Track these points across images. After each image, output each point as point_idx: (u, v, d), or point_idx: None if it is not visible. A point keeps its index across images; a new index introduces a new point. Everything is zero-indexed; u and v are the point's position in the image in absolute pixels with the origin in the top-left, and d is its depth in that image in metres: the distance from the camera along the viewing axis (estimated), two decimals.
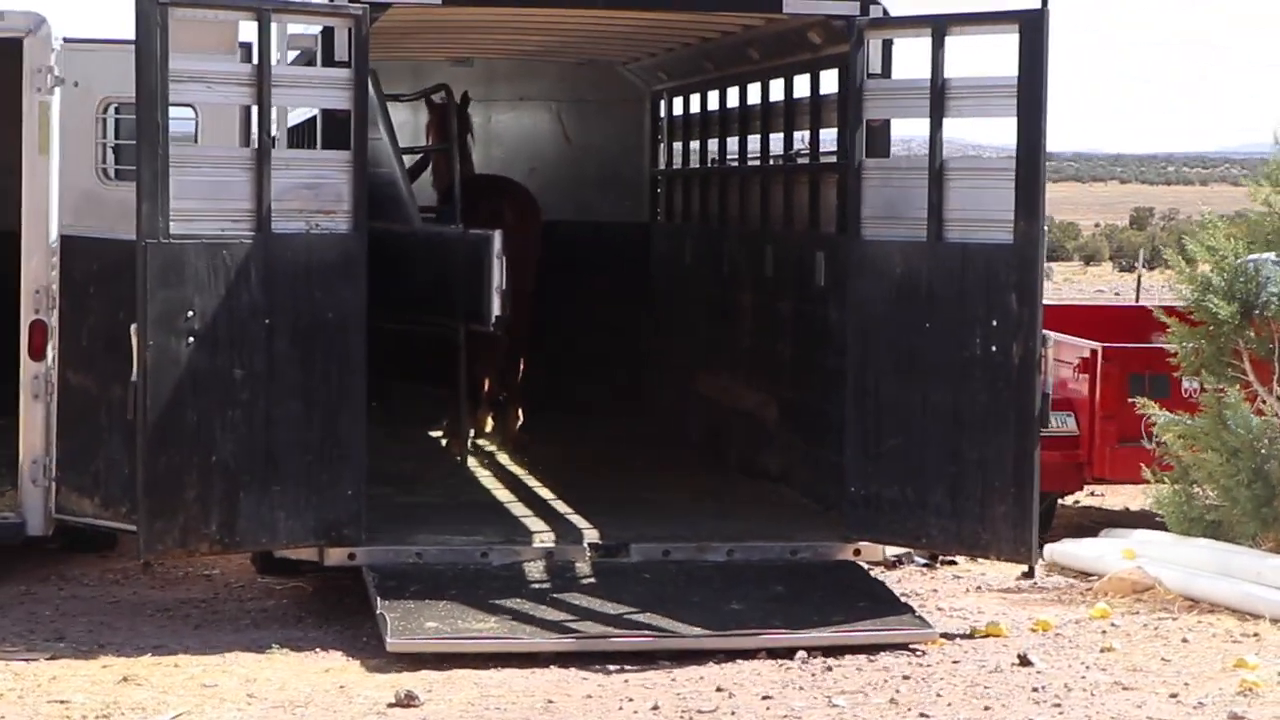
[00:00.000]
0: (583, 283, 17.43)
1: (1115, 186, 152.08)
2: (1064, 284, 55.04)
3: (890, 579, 13.56)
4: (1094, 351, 15.60)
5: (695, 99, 17.06)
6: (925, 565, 14.07)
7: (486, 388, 16.57)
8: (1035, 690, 10.42)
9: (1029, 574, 13.22)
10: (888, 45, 12.79)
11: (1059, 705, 10.12)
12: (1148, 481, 14.69)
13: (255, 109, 12.11)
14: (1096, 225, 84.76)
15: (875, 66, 12.71)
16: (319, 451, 12.17)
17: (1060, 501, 16.58)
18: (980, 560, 13.86)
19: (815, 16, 13.10)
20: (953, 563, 14.11)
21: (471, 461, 15.79)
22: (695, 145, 17.20)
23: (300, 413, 12.10)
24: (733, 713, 10.04)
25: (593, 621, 11.58)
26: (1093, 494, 18.27)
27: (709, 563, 12.59)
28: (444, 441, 16.18)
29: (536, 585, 12.25)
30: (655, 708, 10.14)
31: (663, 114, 18.18)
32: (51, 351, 13.31)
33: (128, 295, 11.89)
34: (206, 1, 12.08)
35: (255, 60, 11.99)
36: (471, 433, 16.36)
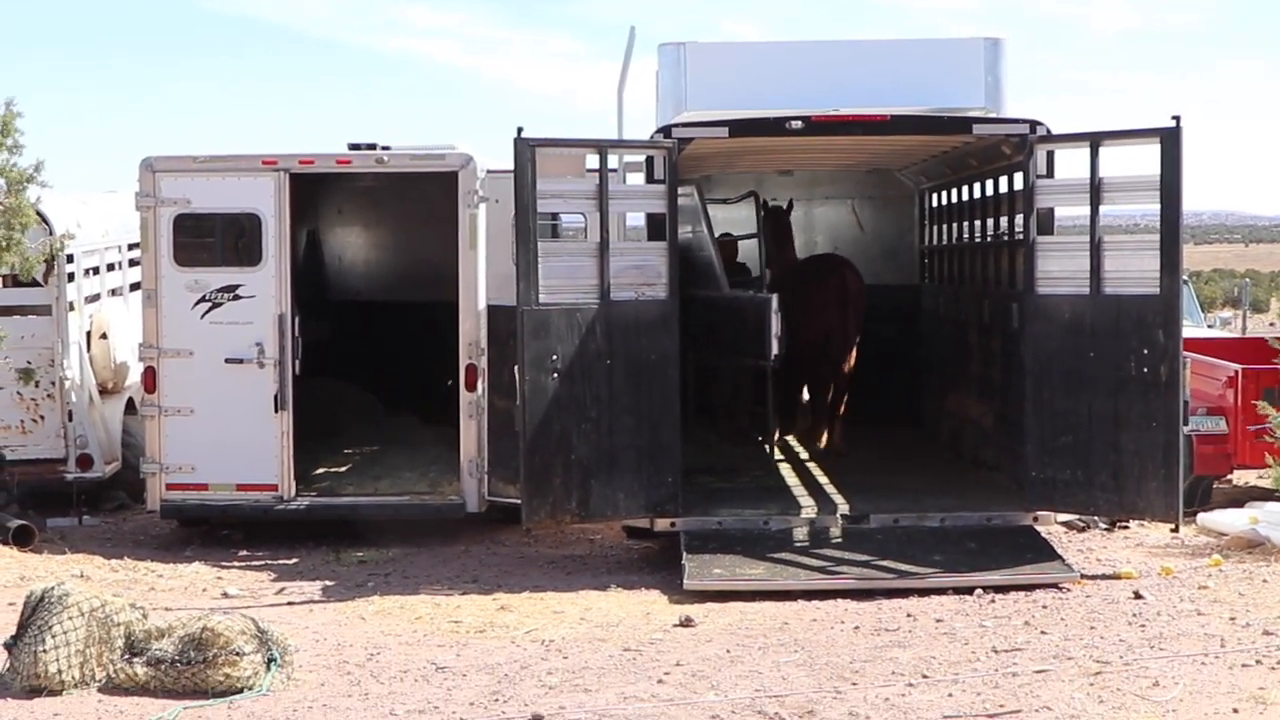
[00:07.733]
0: (874, 329, 17.50)
1: None
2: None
3: (1078, 539, 13.63)
4: (1237, 371, 15.47)
5: (944, 194, 17.23)
6: (1105, 529, 14.08)
7: (798, 403, 16.94)
8: (1134, 615, 10.46)
9: (1175, 530, 13.00)
10: (1050, 154, 12.94)
11: (1145, 625, 10.16)
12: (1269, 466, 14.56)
13: (598, 215, 12.58)
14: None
15: (1042, 169, 12.89)
16: (647, 451, 12.62)
17: (1216, 484, 16.36)
18: (1141, 524, 13.90)
19: (998, 135, 13.37)
20: (1125, 526, 14.02)
21: (779, 456, 16.04)
22: (945, 227, 17.35)
23: (633, 425, 12.58)
24: (910, 630, 10.29)
25: (834, 568, 11.90)
26: (1262, 476, 17.82)
27: (926, 527, 12.79)
28: (761, 441, 16.36)
29: (799, 544, 12.56)
30: (856, 628, 10.41)
31: (926, 205, 18.41)
32: (481, 384, 14.16)
33: None
34: (562, 142, 12.66)
35: (598, 181, 12.51)
36: (785, 435, 16.74)
